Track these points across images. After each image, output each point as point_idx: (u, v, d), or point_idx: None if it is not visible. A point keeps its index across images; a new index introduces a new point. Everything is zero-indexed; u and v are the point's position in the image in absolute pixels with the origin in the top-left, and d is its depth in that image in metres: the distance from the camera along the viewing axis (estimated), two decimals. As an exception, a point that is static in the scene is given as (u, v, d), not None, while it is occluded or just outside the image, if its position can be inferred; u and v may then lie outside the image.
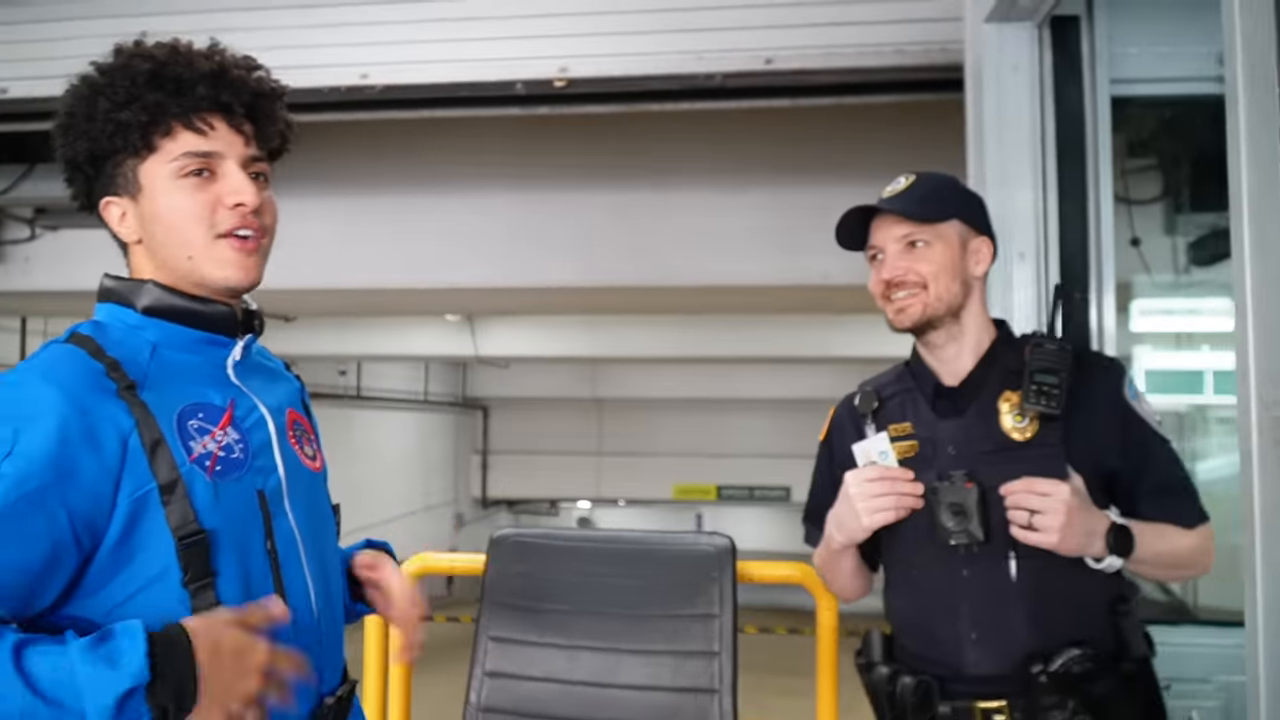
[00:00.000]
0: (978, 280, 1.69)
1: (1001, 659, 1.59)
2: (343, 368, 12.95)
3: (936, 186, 1.68)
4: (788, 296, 5.71)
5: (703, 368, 14.32)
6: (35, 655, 1.01)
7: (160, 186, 1.21)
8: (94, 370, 1.15)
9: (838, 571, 1.82)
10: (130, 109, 1.19)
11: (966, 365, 1.68)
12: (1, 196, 4.72)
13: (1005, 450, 1.60)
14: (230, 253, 1.23)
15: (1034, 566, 1.58)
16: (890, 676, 1.68)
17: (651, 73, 3.31)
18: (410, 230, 4.96)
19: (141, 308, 1.23)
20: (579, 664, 2.08)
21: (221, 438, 1.21)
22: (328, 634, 1.32)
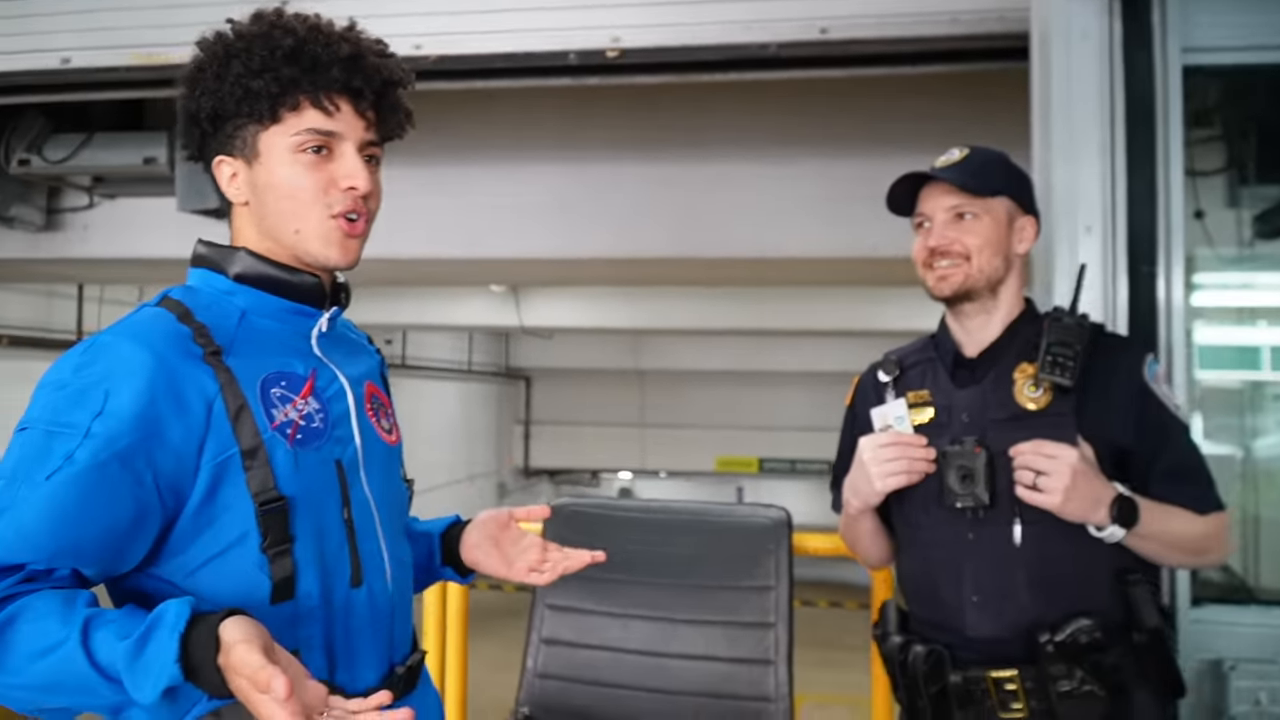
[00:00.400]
0: (1019, 258, 1.73)
1: (1002, 623, 1.63)
2: (389, 337, 13.06)
3: (989, 161, 1.72)
4: (835, 269, 5.67)
5: (746, 340, 14.26)
6: (100, 634, 1.03)
7: (279, 157, 1.24)
8: (182, 334, 1.18)
9: (858, 536, 1.87)
10: (263, 78, 1.22)
11: (990, 338, 1.72)
12: (61, 165, 4.78)
13: (1017, 419, 1.64)
14: (338, 233, 1.26)
15: (1038, 533, 1.62)
16: (902, 646, 1.71)
17: (704, 43, 3.27)
18: (459, 201, 4.97)
19: (233, 274, 1.27)
20: (634, 632, 2.10)
21: (303, 407, 1.23)
22: (399, 604, 1.34)
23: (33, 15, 3.59)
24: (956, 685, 1.65)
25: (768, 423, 16.87)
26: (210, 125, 1.27)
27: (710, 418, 17.11)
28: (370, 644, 1.28)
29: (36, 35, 3.57)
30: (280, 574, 1.18)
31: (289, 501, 1.19)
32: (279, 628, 1.17)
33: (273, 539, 1.17)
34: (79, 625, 1.03)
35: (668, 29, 3.32)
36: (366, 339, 1.51)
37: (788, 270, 5.99)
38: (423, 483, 6.30)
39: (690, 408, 17.11)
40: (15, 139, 4.79)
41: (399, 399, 6.14)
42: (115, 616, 1.05)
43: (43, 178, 5.04)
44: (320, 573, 1.22)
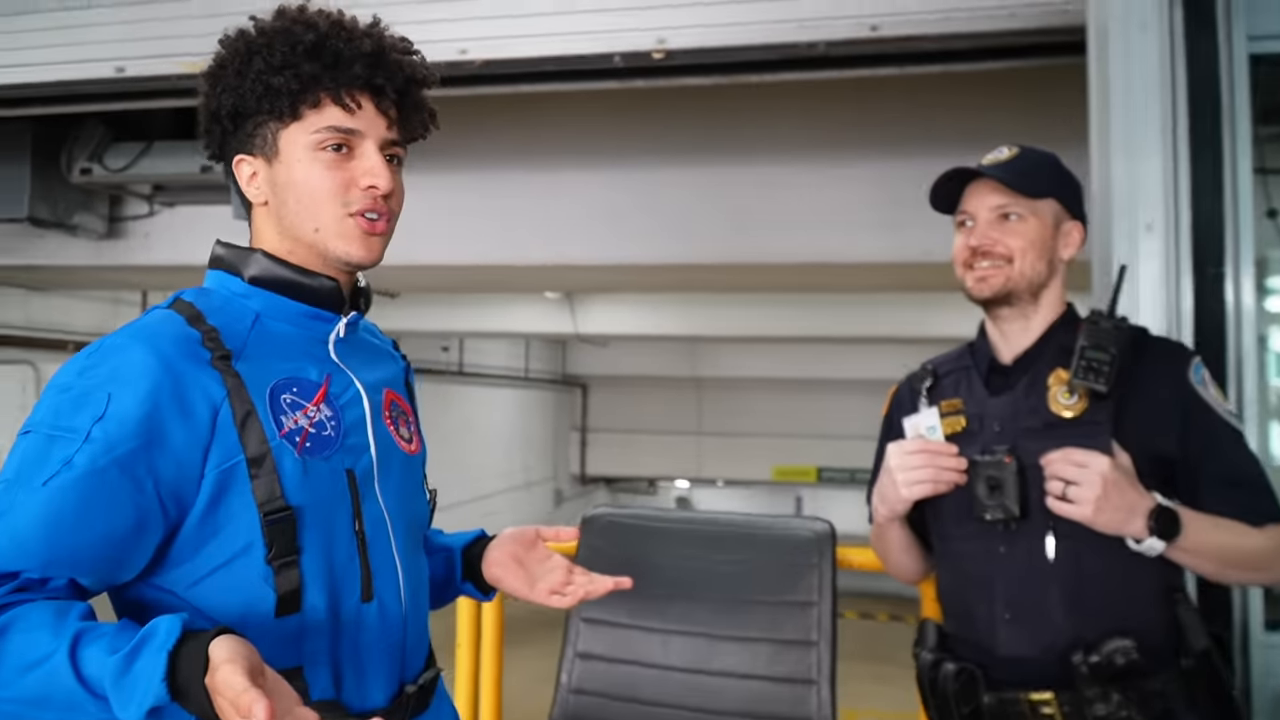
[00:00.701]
0: (1063, 263, 1.67)
1: (1034, 642, 1.55)
2: (445, 344, 13.15)
3: (1039, 162, 1.66)
4: (890, 274, 5.56)
5: (803, 347, 14.13)
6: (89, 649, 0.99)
7: (298, 155, 1.21)
8: (190, 338, 1.15)
9: (888, 547, 1.81)
10: (283, 75, 1.19)
11: (1027, 344, 1.66)
12: (121, 173, 4.87)
13: (1050, 427, 1.57)
14: (357, 230, 1.23)
15: (1073, 547, 1.54)
16: (933, 664, 1.64)
17: (751, 43, 3.21)
18: (509, 207, 4.96)
19: (248, 277, 1.24)
20: (672, 648, 2.04)
21: (314, 414, 1.19)
22: (413, 620, 1.29)
23: (89, 25, 3.65)
24: (990, 706, 1.58)
25: (826, 431, 16.68)
26: (231, 123, 1.24)
27: (768, 426, 16.97)
28: (381, 661, 1.23)
29: (92, 45, 3.63)
30: (286, 587, 1.14)
31: (296, 511, 1.14)
32: (284, 642, 1.14)
33: (278, 550, 1.13)
34: (69, 638, 0.99)
35: (714, 29, 3.26)
36: (392, 344, 1.46)
37: (842, 276, 5.89)
38: (479, 489, 6.39)
39: (748, 416, 17.00)
40: (77, 148, 4.90)
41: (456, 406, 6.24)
42: (107, 631, 1.01)
43: (104, 186, 5.14)
44: (328, 586, 1.17)
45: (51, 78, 3.70)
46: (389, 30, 1.28)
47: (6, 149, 5.01)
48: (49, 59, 3.69)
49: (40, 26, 3.73)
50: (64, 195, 5.21)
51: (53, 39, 3.70)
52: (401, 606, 1.26)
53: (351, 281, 1.30)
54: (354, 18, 1.27)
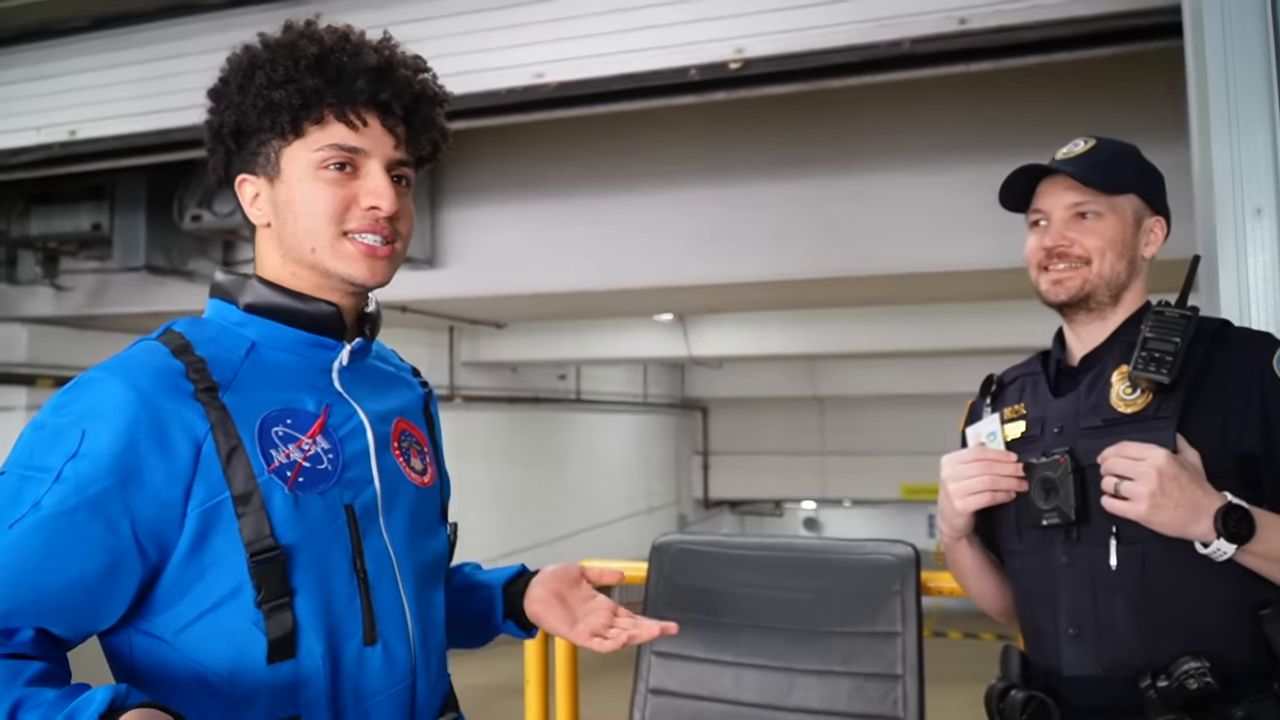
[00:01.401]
0: (1145, 262, 1.55)
1: (1099, 660, 1.43)
2: (562, 372, 13.26)
3: (1117, 155, 1.55)
4: (1006, 281, 5.30)
5: (926, 361, 13.71)
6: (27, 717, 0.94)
7: (299, 173, 1.16)
8: (172, 370, 1.10)
9: (961, 572, 1.69)
10: (285, 89, 1.14)
11: (1097, 344, 1.55)
12: (229, 218, 5.04)
13: (1110, 424, 1.46)
14: (354, 250, 1.16)
15: (1138, 553, 1.41)
16: (1002, 692, 1.51)
17: (830, 45, 3.09)
18: (605, 230, 4.94)
19: (243, 304, 1.18)
20: (747, 683, 1.92)
21: (309, 446, 1.13)
22: (425, 663, 1.21)
23: (184, 74, 3.78)
24: None
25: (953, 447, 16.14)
26: (234, 142, 1.19)
27: (893, 443, 16.52)
28: (388, 708, 1.15)
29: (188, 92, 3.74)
30: (278, 631, 1.07)
31: (287, 550, 1.08)
32: (279, 691, 1.08)
33: (268, 592, 1.07)
34: (7, 706, 0.94)
35: (791, 35, 3.16)
36: (411, 371, 1.39)
37: (956, 284, 5.67)
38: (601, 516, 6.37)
39: (872, 434, 16.59)
40: (188, 196, 5.11)
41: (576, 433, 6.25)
42: (47, 699, 0.95)
43: (214, 232, 5.34)
44: (326, 629, 1.10)
45: (153, 126, 3.85)
46: (401, 47, 1.23)
47: (123, 200, 5.26)
48: (146, 109, 3.85)
49: (135, 78, 3.88)
50: (179, 243, 5.43)
51: (148, 89, 3.85)
52: (410, 649, 1.19)
53: (357, 307, 1.24)
54: (362, 32, 1.22)
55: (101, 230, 5.41)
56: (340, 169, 1.16)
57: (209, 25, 3.89)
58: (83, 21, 4.06)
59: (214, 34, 3.83)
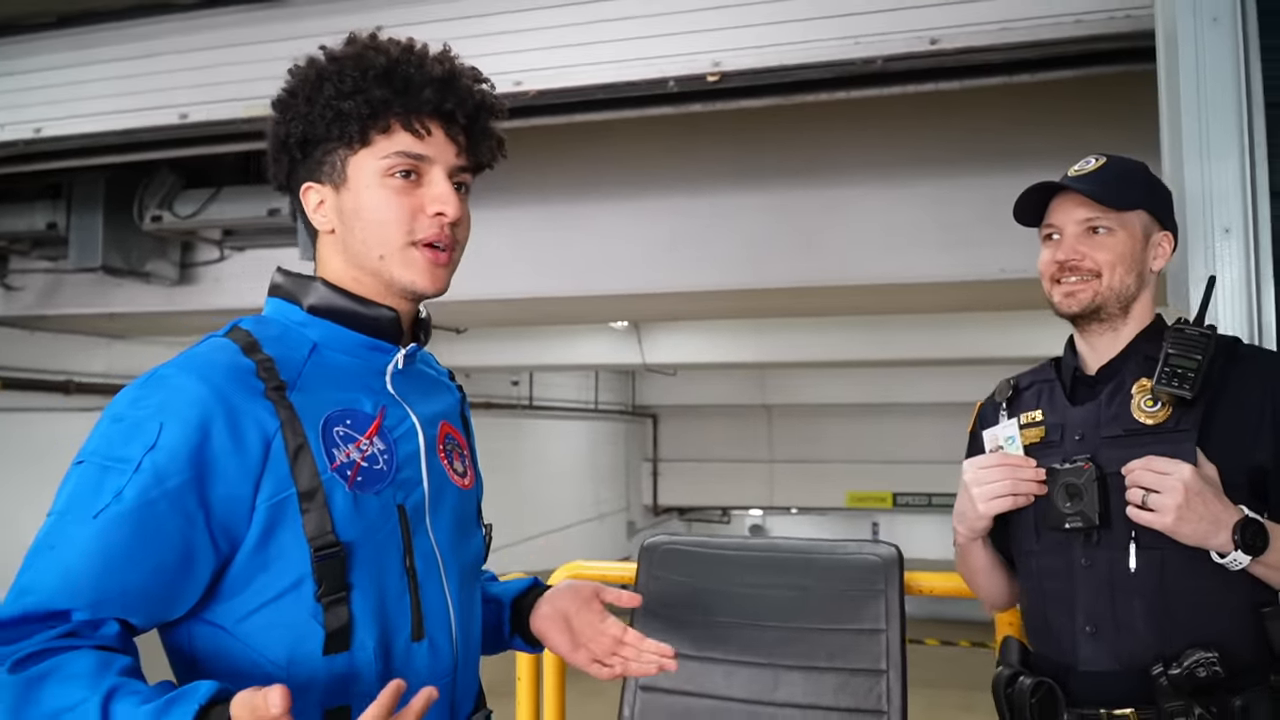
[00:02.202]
0: (1153, 275, 1.63)
1: (1116, 657, 1.52)
2: (515, 378, 13.24)
3: (1127, 172, 1.62)
4: (962, 294, 5.44)
5: (874, 371, 13.93)
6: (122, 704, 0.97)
7: (366, 181, 1.20)
8: (244, 368, 1.14)
9: (973, 569, 1.75)
10: (354, 100, 1.19)
11: (1112, 354, 1.62)
12: (190, 220, 4.99)
13: (1132, 435, 1.53)
14: (422, 260, 1.21)
15: (1157, 558, 1.49)
16: (1010, 678, 1.59)
17: (806, 61, 3.16)
18: (573, 237, 4.97)
19: (307, 305, 1.22)
20: (736, 679, 1.98)
21: (366, 447, 1.17)
22: (465, 659, 1.26)
23: (153, 74, 3.75)
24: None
25: (900, 456, 16.40)
26: (300, 151, 1.23)
27: (841, 452, 16.74)
28: (440, 700, 1.18)
29: (156, 93, 3.73)
30: (335, 624, 1.11)
31: (347, 547, 1.12)
32: (332, 681, 1.11)
33: (328, 587, 1.11)
34: (104, 690, 0.97)
35: (769, 50, 3.23)
36: (448, 375, 1.45)
37: (912, 297, 5.79)
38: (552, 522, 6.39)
39: (820, 442, 16.79)
40: (148, 196, 5.04)
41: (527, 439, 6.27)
42: (143, 689, 0.99)
43: (174, 233, 5.28)
44: (379, 624, 1.14)
45: (117, 126, 3.81)
46: (459, 59, 1.28)
47: (81, 199, 5.17)
48: (114, 108, 3.80)
49: (104, 76, 3.84)
50: (137, 243, 5.35)
51: (118, 88, 3.81)
52: (453, 645, 1.23)
53: (413, 312, 1.29)
54: (425, 45, 1.27)
55: (57, 229, 5.32)
56: (405, 177, 1.20)
57: (180, 25, 3.86)
58: (49, 18, 4.01)
59: (185, 34, 3.81)
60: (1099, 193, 1.56)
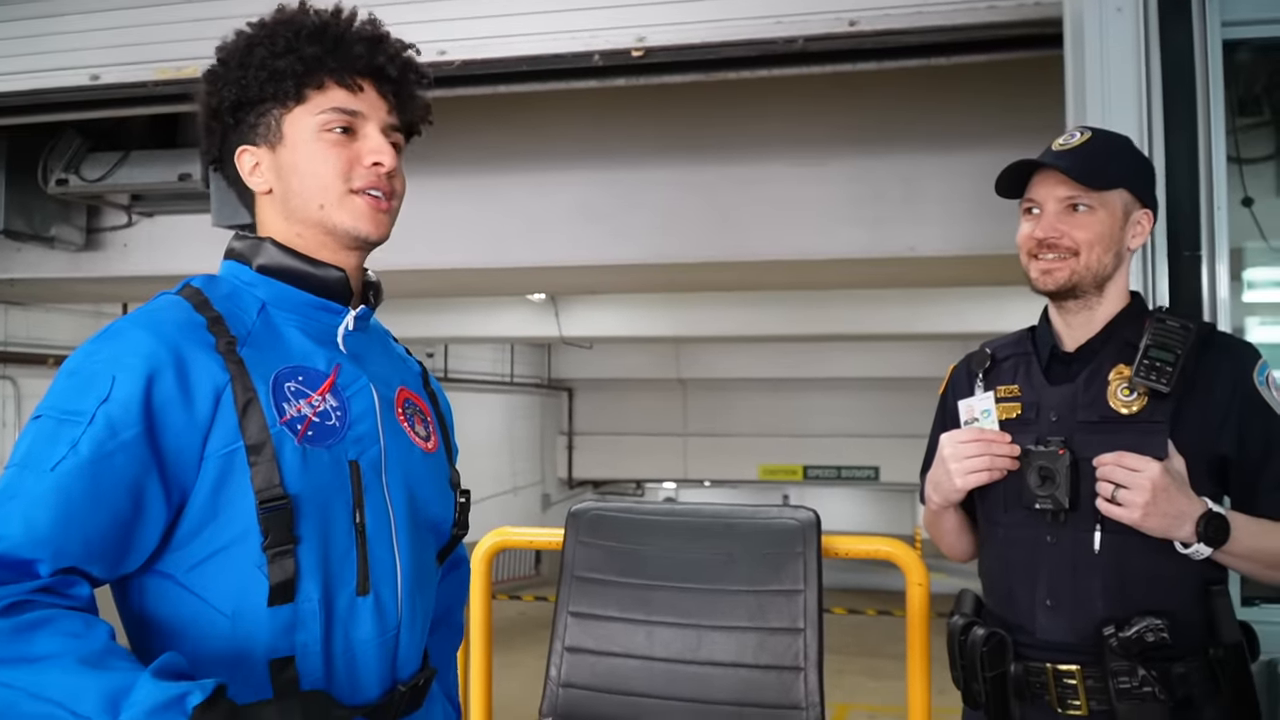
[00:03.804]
0: (1130, 253, 1.64)
1: (1073, 628, 1.56)
2: (430, 350, 13.13)
3: (1110, 149, 1.63)
4: (872, 271, 5.59)
5: (788, 347, 14.17)
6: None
7: (303, 138, 1.22)
8: (195, 323, 1.16)
9: (941, 532, 1.81)
10: (287, 58, 1.21)
11: (1090, 334, 1.64)
12: (98, 183, 4.84)
13: (1107, 422, 1.56)
14: (364, 205, 1.23)
15: (1119, 542, 1.54)
16: (964, 627, 1.65)
17: (730, 39, 3.22)
18: (490, 209, 4.96)
19: (256, 265, 1.24)
20: (659, 639, 2.04)
21: (318, 403, 1.19)
22: (409, 617, 1.27)
23: (62, 33, 3.63)
24: (1016, 675, 1.60)
25: (811, 430, 16.73)
26: (232, 117, 1.24)
27: (753, 426, 17.00)
28: (374, 655, 1.21)
29: (66, 53, 3.61)
30: (279, 576, 1.13)
31: (294, 500, 1.14)
32: (276, 631, 1.13)
33: (274, 539, 1.12)
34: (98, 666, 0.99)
35: (693, 27, 3.27)
36: (405, 351, 1.48)
37: (826, 273, 5.91)
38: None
39: (733, 416, 17.02)
40: (53, 159, 4.87)
41: (441, 411, 5.91)
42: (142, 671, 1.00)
43: (81, 197, 5.12)
44: (323, 577, 1.16)
45: (23, 86, 3.68)
46: (384, 25, 1.30)
47: (-19, 160, 4.98)
48: (20, 68, 3.67)
49: (10, 35, 3.70)
50: (40, 207, 5.18)
51: (24, 47, 3.67)
52: (398, 603, 1.25)
53: (360, 273, 1.31)
54: (354, 9, 1.29)
55: (-46, 191, 5.12)
56: (343, 132, 1.23)
57: (88, -18, 3.74)
58: (-50, -29, 3.85)
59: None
60: (1080, 171, 1.56)
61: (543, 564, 15.03)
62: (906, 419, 16.25)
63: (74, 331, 8.50)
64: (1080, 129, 1.64)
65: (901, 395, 15.91)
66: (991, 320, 9.24)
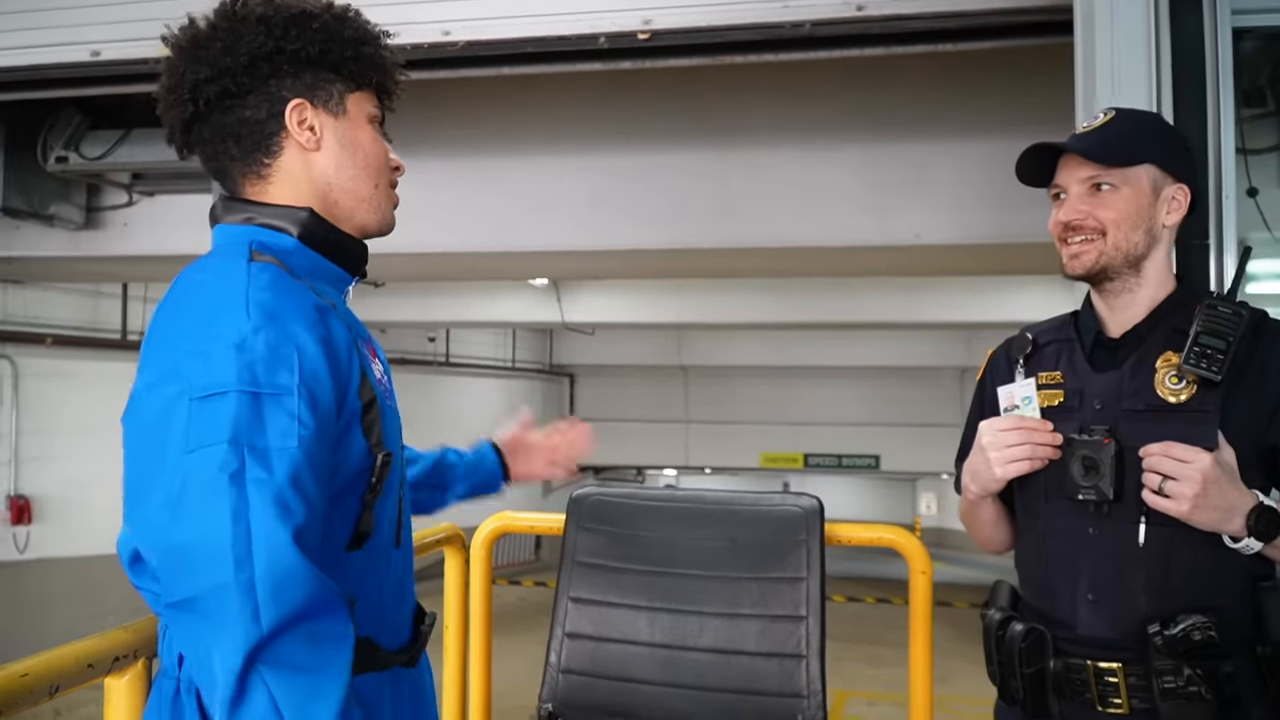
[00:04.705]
0: (1167, 230, 1.59)
1: (1115, 623, 1.52)
2: (431, 334, 13.10)
3: (1133, 126, 1.60)
4: (878, 258, 5.55)
5: (790, 334, 14.15)
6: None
7: (360, 120, 1.31)
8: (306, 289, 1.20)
9: (978, 523, 1.76)
10: (373, 45, 1.32)
11: (1136, 317, 1.59)
12: (98, 161, 4.81)
13: (1154, 411, 1.51)
14: (394, 200, 1.36)
15: (1164, 534, 1.49)
16: (1002, 622, 1.61)
17: (736, 22, 3.18)
18: (494, 192, 4.93)
19: (298, 234, 1.26)
20: (660, 626, 2.03)
21: (378, 369, 1.26)
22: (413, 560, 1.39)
23: (63, 8, 3.59)
24: (1055, 671, 1.56)
25: (813, 418, 16.73)
26: (291, 65, 1.26)
27: (755, 413, 16.99)
28: (402, 602, 1.31)
29: (66, 28, 3.57)
30: (363, 528, 1.20)
31: (392, 456, 1.22)
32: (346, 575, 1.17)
33: (371, 494, 1.20)
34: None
35: (700, 9, 3.23)
36: None
37: (830, 260, 5.89)
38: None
39: (734, 403, 17.01)
40: (52, 136, 4.84)
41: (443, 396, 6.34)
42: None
43: (81, 175, 5.08)
44: (382, 529, 1.24)
45: (23, 62, 3.64)
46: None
47: (-19, 137, 4.95)
48: (20, 43, 3.63)
49: (9, 9, 3.66)
50: (40, 185, 5.15)
51: (23, 22, 3.63)
52: (409, 552, 1.35)
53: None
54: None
55: (-47, 169, 5.09)
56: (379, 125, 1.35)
57: (89, -43, 3.70)
58: (-51, -55, 3.81)
59: (95, -33, 3.65)
60: (1097, 150, 1.54)
61: (543, 549, 15.05)
62: (907, 408, 16.27)
63: (73, 310, 8.48)
64: (1106, 110, 1.61)
65: (903, 384, 15.91)
66: (994, 310, 9.23)
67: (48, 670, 1.20)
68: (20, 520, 8.39)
